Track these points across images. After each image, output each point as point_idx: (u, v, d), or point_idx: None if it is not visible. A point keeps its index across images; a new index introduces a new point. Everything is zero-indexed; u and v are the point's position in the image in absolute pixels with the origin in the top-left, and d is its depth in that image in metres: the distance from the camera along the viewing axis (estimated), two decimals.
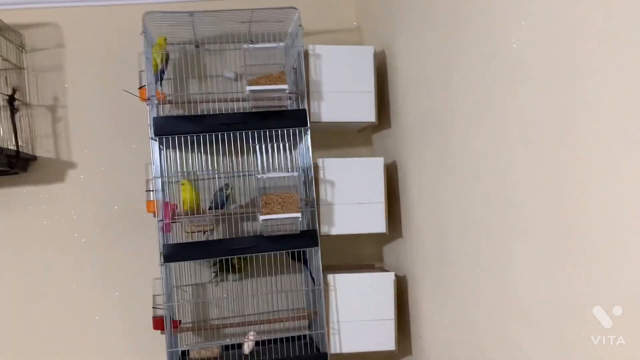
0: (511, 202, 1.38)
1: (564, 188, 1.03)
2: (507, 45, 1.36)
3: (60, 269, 2.28)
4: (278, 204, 1.96)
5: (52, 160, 2.31)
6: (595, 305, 0.88)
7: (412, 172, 2.08)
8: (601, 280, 0.87)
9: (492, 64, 1.43)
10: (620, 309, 0.84)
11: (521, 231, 1.34)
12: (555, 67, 1.17)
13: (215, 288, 2.36)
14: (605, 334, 0.85)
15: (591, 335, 0.88)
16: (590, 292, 0.89)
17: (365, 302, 2.14)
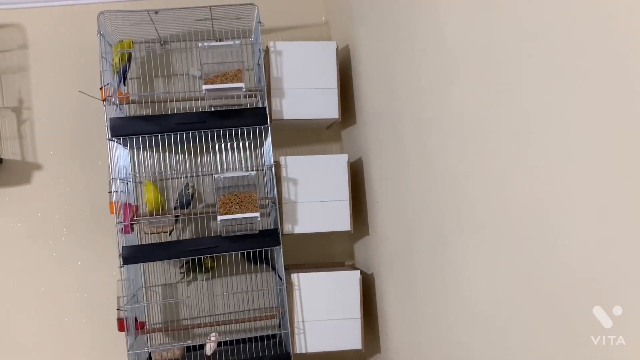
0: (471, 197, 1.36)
1: (555, 184, 0.99)
2: (448, 43, 1.33)
3: (27, 271, 2.27)
4: (236, 204, 1.94)
5: (17, 162, 2.30)
6: (595, 305, 0.87)
7: (375, 169, 2.05)
8: (601, 280, 0.86)
9: (438, 61, 1.40)
10: (620, 308, 0.82)
11: (495, 228, 1.31)
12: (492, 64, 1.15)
13: (186, 288, 2.35)
14: (605, 334, 0.84)
15: (591, 335, 0.87)
16: (590, 292, 0.88)
17: (330, 301, 2.12)
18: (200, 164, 2.32)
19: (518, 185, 1.06)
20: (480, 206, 1.23)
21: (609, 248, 0.84)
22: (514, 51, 1.04)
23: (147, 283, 2.32)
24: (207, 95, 1.97)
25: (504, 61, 1.08)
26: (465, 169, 1.28)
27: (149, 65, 2.33)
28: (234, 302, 2.34)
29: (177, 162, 2.29)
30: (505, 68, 1.08)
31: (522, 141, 1.04)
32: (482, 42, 1.16)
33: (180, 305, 2.36)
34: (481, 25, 1.16)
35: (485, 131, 1.17)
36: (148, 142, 2.00)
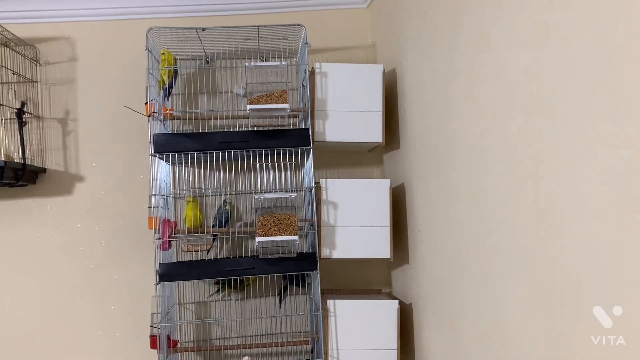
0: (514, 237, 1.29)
1: (565, 203, 0.96)
2: (499, 69, 1.28)
3: (65, 282, 2.28)
4: (275, 226, 1.90)
5: (60, 172, 2.32)
6: (595, 305, 0.84)
7: (419, 196, 1.99)
8: (601, 280, 0.83)
9: (496, 91, 1.34)
10: (620, 309, 0.80)
11: (520, 266, 1.25)
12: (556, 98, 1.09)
13: (219, 307, 2.32)
14: (605, 334, 0.82)
15: (591, 335, 0.84)
16: (590, 292, 0.85)
17: (366, 330, 2.05)
18: (239, 183, 2.30)
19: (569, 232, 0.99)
20: (529, 249, 1.16)
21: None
22: (576, 89, 0.98)
23: (181, 300, 2.31)
24: (251, 114, 1.95)
25: (566, 96, 1.02)
26: (517, 207, 1.21)
27: (194, 82, 2.34)
28: (267, 324, 2.30)
29: (216, 180, 2.28)
30: (567, 104, 1.02)
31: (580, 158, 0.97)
32: (542, 74, 1.10)
33: (213, 325, 2.33)
34: (543, 58, 1.10)
35: (541, 171, 1.11)
36: (190, 158, 1.99)
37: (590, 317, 0.89)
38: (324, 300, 2.08)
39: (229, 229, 2.07)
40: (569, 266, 1.03)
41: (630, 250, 0.80)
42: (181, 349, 2.11)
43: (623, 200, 0.85)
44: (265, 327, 2.31)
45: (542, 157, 1.11)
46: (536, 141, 1.13)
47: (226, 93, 2.38)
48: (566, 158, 1.03)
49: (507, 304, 1.29)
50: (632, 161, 0.84)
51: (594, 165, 0.95)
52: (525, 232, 1.20)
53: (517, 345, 1.25)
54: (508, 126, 1.27)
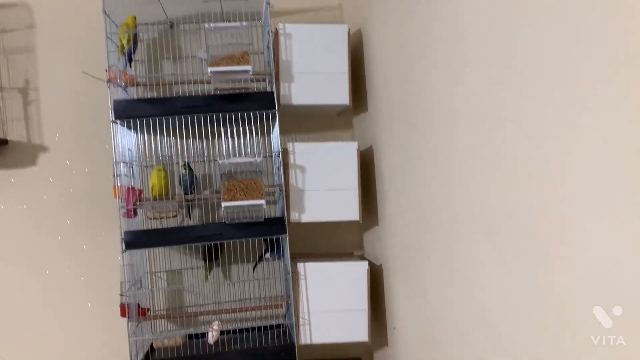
0: (477, 195, 1.29)
1: (554, 180, 0.95)
2: (466, 32, 1.26)
3: (32, 254, 2.25)
4: (241, 190, 1.89)
5: (23, 143, 2.27)
6: (595, 305, 0.84)
7: (386, 157, 1.98)
8: (601, 280, 0.82)
9: (454, 50, 1.32)
10: (620, 308, 0.80)
11: (483, 224, 1.25)
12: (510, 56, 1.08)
13: (190, 274, 2.31)
14: (605, 334, 0.82)
15: (591, 335, 0.84)
16: (590, 292, 0.85)
17: (337, 292, 2.06)
18: (208, 150, 2.26)
19: (528, 186, 0.99)
20: (491, 204, 1.16)
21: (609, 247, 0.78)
22: (533, 45, 0.97)
23: (151, 269, 2.29)
24: (213, 78, 1.91)
25: (522, 54, 1.00)
26: (478, 164, 1.21)
27: (156, 48, 2.28)
28: (240, 290, 2.30)
29: (183, 148, 2.24)
30: (523, 60, 1.00)
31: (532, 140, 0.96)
32: (500, 32, 1.08)
33: (185, 293, 2.32)
34: (500, 16, 1.08)
35: (500, 126, 1.10)
36: (152, 125, 1.95)
37: (590, 317, 0.86)
38: (295, 264, 2.08)
39: (194, 196, 2.05)
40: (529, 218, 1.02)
41: (630, 248, 0.78)
42: (152, 317, 2.10)
43: (621, 197, 0.80)
44: (239, 294, 2.31)
45: (506, 110, 1.10)
46: (498, 92, 1.12)
47: (191, 58, 2.32)
48: (533, 108, 1.02)
49: (471, 263, 1.30)
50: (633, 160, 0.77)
51: (586, 158, 0.92)
52: (488, 190, 1.19)
53: (481, 302, 1.26)
54: (469, 81, 1.25)
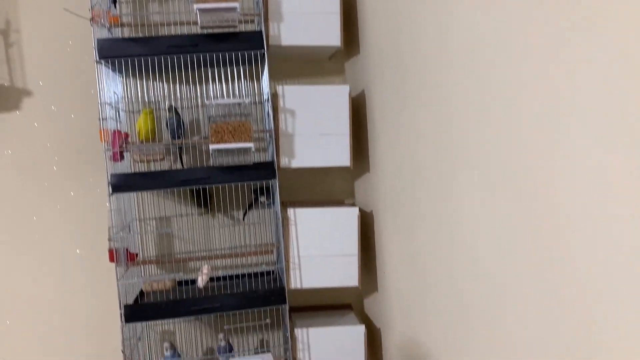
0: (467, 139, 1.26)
1: (549, 123, 0.91)
2: None
3: (18, 200, 2.22)
4: (229, 133, 1.85)
5: (6, 87, 2.21)
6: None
7: (379, 103, 1.94)
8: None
9: None
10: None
11: (493, 172, 1.22)
12: None
13: (180, 221, 2.30)
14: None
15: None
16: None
17: (327, 237, 2.05)
18: (196, 95, 2.21)
19: (522, 130, 0.95)
20: (486, 149, 1.12)
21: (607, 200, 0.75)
22: None
23: (140, 216, 2.27)
24: (200, 17, 1.84)
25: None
26: (472, 107, 1.17)
27: None
28: (230, 237, 2.29)
29: (171, 93, 2.19)
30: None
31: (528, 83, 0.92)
32: None
33: (175, 240, 2.31)
34: None
35: (495, 66, 1.06)
36: (138, 66, 1.90)
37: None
38: (285, 210, 2.06)
39: (182, 140, 2.01)
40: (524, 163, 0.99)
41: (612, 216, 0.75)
42: (141, 262, 2.09)
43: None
44: (230, 241, 2.30)
45: (501, 49, 1.06)
46: (493, 34, 1.07)
47: None
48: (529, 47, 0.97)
49: (464, 208, 1.27)
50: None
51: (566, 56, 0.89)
52: (482, 134, 1.16)
53: (472, 248, 1.24)
54: (463, 19, 1.20)
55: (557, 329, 0.89)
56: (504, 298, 1.08)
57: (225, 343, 2.07)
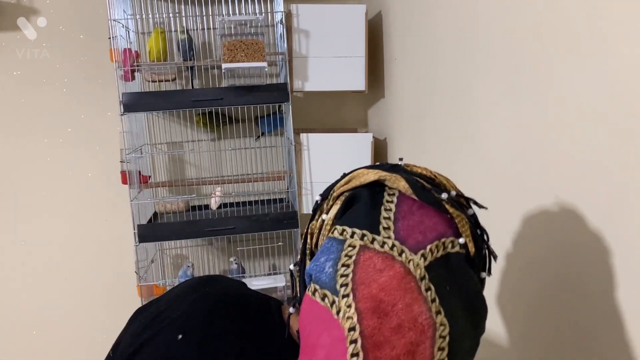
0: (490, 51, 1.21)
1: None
2: None
3: (28, 121, 2.20)
4: (242, 51, 1.80)
5: (12, 5, 2.15)
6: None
7: (394, 23, 1.87)
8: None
9: None
10: None
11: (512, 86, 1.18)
12: None
13: (191, 146, 2.28)
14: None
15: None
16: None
17: (340, 164, 2.02)
18: (209, 16, 2.13)
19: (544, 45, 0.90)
20: (506, 68, 1.07)
21: None
22: None
23: (152, 140, 2.25)
24: None
25: None
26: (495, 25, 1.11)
27: None
28: (242, 164, 2.28)
29: (183, 12, 2.12)
30: None
31: None
32: None
33: (186, 165, 2.30)
34: None
35: None
36: None
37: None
38: (297, 135, 2.03)
39: (194, 62, 1.96)
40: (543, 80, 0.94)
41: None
42: (153, 185, 2.09)
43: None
44: (242, 168, 2.29)
45: None
46: None
47: None
48: None
49: (480, 129, 1.24)
50: None
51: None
52: (504, 49, 1.11)
53: (492, 167, 1.21)
54: None
55: (578, 229, 0.88)
56: (519, 197, 1.06)
57: (237, 266, 2.10)
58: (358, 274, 0.57)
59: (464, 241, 0.61)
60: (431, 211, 0.61)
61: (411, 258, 0.57)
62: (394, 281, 0.56)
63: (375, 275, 0.56)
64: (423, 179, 0.65)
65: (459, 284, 0.59)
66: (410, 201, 0.62)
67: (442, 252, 0.59)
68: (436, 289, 0.56)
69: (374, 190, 0.65)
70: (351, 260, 0.58)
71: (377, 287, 0.56)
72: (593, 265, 0.84)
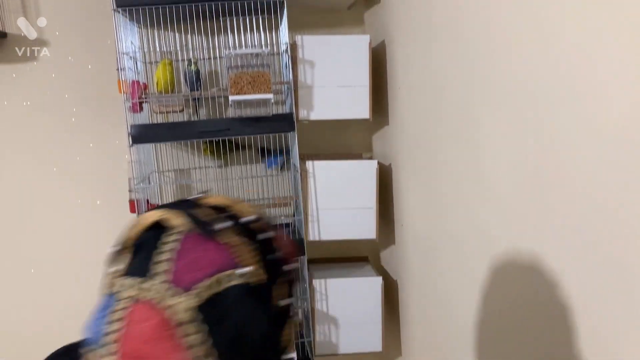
0: (498, 81, 1.23)
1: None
2: None
3: (38, 152, 2.24)
4: (248, 84, 1.83)
5: (23, 38, 2.19)
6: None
7: (398, 52, 1.90)
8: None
9: None
10: None
11: (517, 119, 1.20)
12: None
13: (199, 173, 2.31)
14: None
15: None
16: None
17: (345, 190, 2.05)
18: (213, 47, 2.17)
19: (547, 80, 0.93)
20: (509, 98, 1.10)
21: None
22: None
23: (160, 168, 2.28)
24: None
25: None
26: (497, 55, 1.14)
27: None
28: (249, 189, 2.30)
29: (188, 44, 2.16)
30: None
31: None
32: None
33: (193, 191, 2.32)
34: None
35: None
36: (156, 15, 1.87)
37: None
38: (303, 162, 2.06)
39: (201, 92, 1.99)
40: (546, 115, 0.96)
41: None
42: None
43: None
44: (248, 194, 2.31)
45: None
46: None
47: None
48: None
49: (485, 155, 1.26)
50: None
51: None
52: (507, 77, 1.13)
53: (494, 193, 1.23)
54: None
55: (581, 257, 0.89)
56: (530, 242, 1.08)
57: None
58: (125, 328, 0.54)
59: (245, 271, 0.57)
60: (211, 244, 0.58)
61: (179, 301, 0.54)
62: (155, 331, 0.53)
63: (140, 327, 0.54)
64: (215, 210, 0.63)
65: (235, 321, 0.56)
66: (193, 238, 0.59)
67: (217, 288, 0.56)
68: (207, 330, 0.54)
69: (157, 232, 0.61)
70: (120, 314, 0.56)
71: (139, 340, 0.53)
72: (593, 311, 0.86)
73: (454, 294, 1.50)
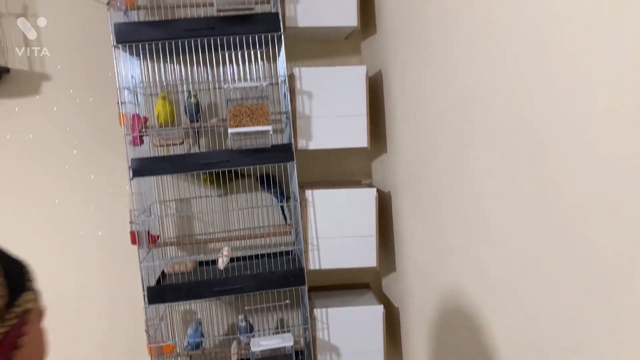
0: (491, 112, 1.25)
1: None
2: None
3: (40, 184, 2.26)
4: (247, 116, 1.85)
5: (25, 72, 2.22)
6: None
7: (394, 82, 1.93)
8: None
9: None
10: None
11: (511, 147, 1.22)
12: None
13: (199, 203, 2.32)
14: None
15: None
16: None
17: (345, 218, 2.06)
18: (213, 78, 2.20)
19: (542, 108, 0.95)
20: (504, 127, 1.12)
21: None
22: None
23: (160, 198, 2.30)
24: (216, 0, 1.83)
25: None
26: (491, 82, 1.16)
27: None
28: (249, 218, 2.31)
29: (188, 75, 2.19)
30: None
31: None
32: None
33: (194, 221, 2.34)
34: None
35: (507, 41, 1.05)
36: (155, 50, 1.90)
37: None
38: (303, 191, 2.07)
39: (201, 124, 2.02)
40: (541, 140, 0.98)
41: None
42: (162, 244, 2.13)
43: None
44: (248, 222, 2.32)
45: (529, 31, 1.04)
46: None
47: None
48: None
49: (483, 185, 1.27)
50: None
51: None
52: (502, 109, 1.15)
53: (492, 223, 1.24)
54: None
55: (580, 299, 0.90)
56: (528, 274, 1.08)
57: (245, 323, 2.11)
58: None
59: None
60: None
61: None
62: None
63: None
64: None
65: None
66: None
67: None
68: None
69: None
70: None
71: None
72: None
73: (458, 321, 1.50)
